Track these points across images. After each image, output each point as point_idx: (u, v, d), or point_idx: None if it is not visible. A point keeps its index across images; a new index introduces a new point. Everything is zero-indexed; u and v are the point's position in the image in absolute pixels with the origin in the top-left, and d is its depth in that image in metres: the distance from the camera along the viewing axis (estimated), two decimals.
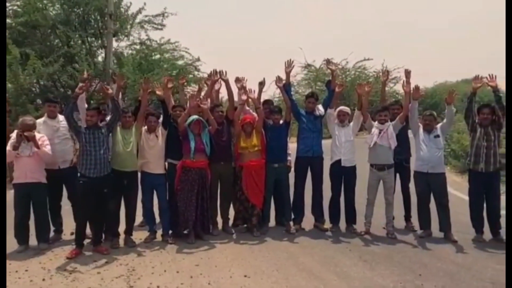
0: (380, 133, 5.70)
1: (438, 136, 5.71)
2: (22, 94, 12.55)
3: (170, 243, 5.48)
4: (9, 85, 12.47)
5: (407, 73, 5.92)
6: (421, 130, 5.78)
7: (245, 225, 6.04)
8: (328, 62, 6.26)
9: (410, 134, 6.08)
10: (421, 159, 5.73)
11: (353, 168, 5.98)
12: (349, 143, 5.94)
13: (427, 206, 5.74)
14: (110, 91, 5.27)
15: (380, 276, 4.33)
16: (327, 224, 6.14)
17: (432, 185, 5.68)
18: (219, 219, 6.10)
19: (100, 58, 16.20)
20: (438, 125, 5.80)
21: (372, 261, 4.76)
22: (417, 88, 5.73)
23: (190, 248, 5.29)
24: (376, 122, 5.83)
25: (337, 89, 6.04)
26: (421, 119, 5.89)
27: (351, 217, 6.03)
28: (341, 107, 6.14)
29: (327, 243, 5.53)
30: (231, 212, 6.14)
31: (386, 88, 10.27)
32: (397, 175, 6.04)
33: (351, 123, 6.05)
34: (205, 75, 6.85)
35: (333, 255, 5.00)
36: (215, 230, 5.95)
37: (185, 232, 5.60)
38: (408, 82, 5.81)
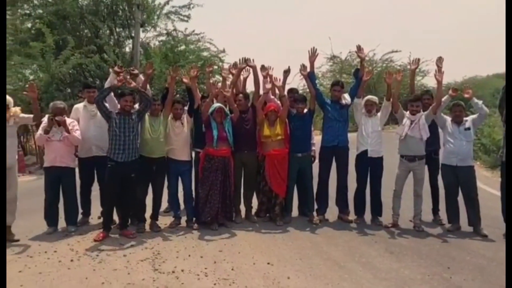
0: (411, 124, 5.56)
1: (469, 128, 5.53)
2: (53, 83, 12.85)
3: (194, 229, 5.53)
4: (41, 75, 12.82)
5: (440, 61, 5.74)
6: (449, 121, 5.61)
7: (267, 215, 6.02)
8: (358, 49, 6.07)
9: None
10: (449, 151, 5.55)
11: (380, 159, 5.87)
12: (376, 134, 5.82)
13: (455, 199, 5.59)
14: (133, 84, 5.28)
15: (407, 268, 4.24)
16: (352, 216, 6.05)
17: (461, 178, 5.51)
18: (242, 207, 6.10)
19: (127, 49, 16.42)
20: (470, 118, 5.61)
21: (399, 253, 4.66)
22: (454, 89, 5.59)
23: (213, 235, 5.33)
24: (407, 113, 5.68)
25: (365, 77, 5.91)
26: (450, 111, 5.71)
27: (377, 209, 5.91)
28: (369, 97, 6.00)
29: (351, 234, 5.46)
30: (254, 201, 6.13)
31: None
32: (426, 167, 5.89)
33: (379, 113, 5.92)
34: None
35: (358, 246, 4.93)
36: (238, 218, 5.97)
37: (209, 219, 5.62)
38: (440, 71, 5.64)
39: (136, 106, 5.42)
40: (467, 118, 5.60)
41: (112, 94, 5.41)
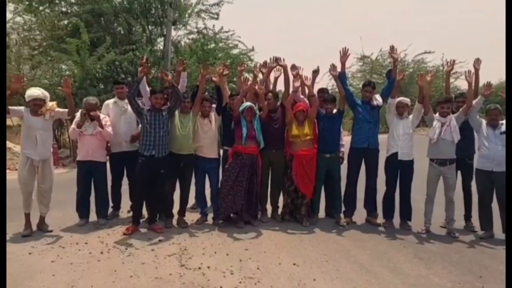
0: (442, 126, 5.42)
1: (505, 132, 5.33)
2: (87, 79, 13.20)
3: (220, 227, 5.57)
4: (75, 71, 13.20)
5: (477, 63, 5.56)
6: (484, 125, 5.43)
7: (293, 215, 5.97)
8: (392, 49, 5.94)
9: None
10: (485, 156, 5.37)
11: (411, 162, 5.72)
12: (407, 136, 5.68)
13: (489, 206, 5.40)
14: (169, 77, 5.37)
15: (436, 275, 4.13)
16: (380, 219, 5.95)
17: (496, 184, 5.31)
18: (268, 206, 6.10)
19: (159, 47, 16.67)
20: (505, 121, 5.42)
21: (428, 259, 4.55)
22: (488, 85, 5.41)
23: (239, 233, 5.35)
24: (437, 115, 5.54)
25: (398, 77, 5.79)
26: (485, 114, 5.52)
27: (406, 214, 5.78)
28: (400, 98, 5.87)
29: (379, 238, 5.36)
30: (281, 200, 6.11)
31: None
32: (459, 172, 5.72)
33: (411, 116, 5.78)
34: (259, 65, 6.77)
35: (386, 250, 4.84)
36: (264, 217, 5.96)
37: (233, 216, 5.63)
38: (477, 73, 5.47)
39: (169, 103, 5.48)
40: (503, 121, 5.41)
41: (144, 80, 5.51)
